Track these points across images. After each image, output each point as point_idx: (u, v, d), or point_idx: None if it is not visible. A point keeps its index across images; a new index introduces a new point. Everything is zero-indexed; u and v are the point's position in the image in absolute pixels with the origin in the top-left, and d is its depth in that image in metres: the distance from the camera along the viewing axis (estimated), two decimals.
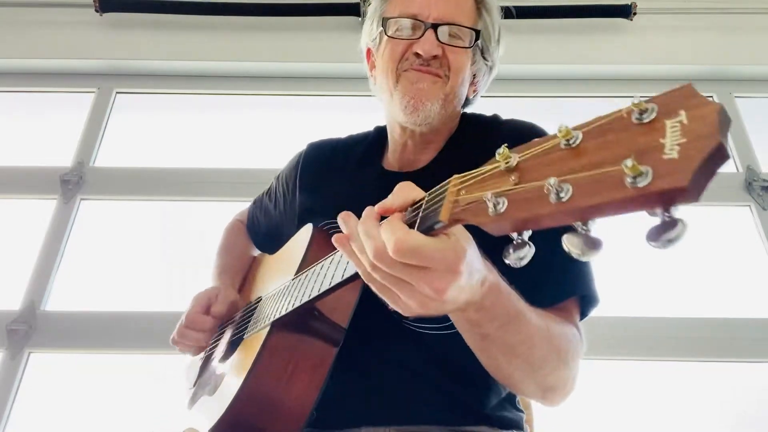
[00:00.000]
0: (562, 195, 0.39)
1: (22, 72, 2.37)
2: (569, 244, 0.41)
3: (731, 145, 2.19)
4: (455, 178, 0.53)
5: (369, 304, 0.85)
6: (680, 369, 1.82)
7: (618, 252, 1.97)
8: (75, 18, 2.36)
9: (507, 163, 0.46)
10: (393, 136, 1.05)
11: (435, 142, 1.02)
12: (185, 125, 2.34)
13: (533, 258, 0.80)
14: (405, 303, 0.57)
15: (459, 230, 0.56)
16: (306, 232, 0.96)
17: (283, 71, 2.37)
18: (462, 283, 0.56)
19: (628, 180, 0.35)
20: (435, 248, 0.53)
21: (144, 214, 2.14)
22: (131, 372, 1.84)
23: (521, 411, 0.99)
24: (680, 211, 0.35)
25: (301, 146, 1.21)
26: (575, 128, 0.43)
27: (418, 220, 0.55)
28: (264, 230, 1.24)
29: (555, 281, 0.84)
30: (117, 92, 2.40)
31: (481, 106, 1.13)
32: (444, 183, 0.55)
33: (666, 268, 1.96)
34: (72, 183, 2.12)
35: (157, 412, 1.73)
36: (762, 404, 1.78)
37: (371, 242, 0.55)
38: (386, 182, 0.66)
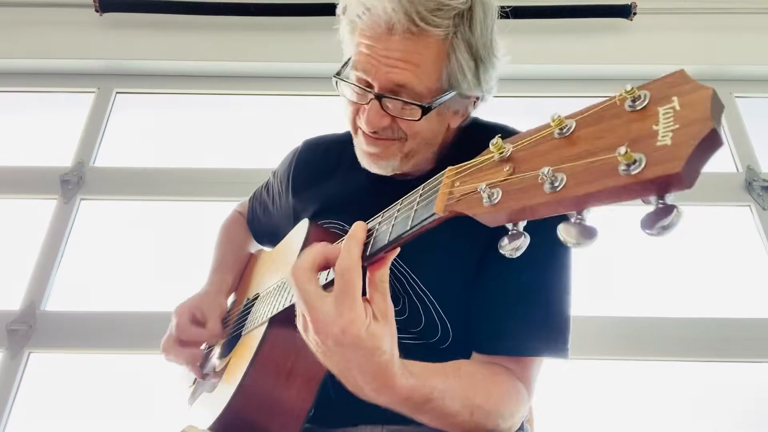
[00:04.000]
0: (556, 184, 0.39)
1: (22, 72, 2.37)
2: (565, 233, 0.41)
3: (731, 145, 2.19)
4: (449, 170, 0.53)
5: None
6: (680, 369, 1.82)
7: (618, 252, 1.97)
8: (75, 18, 2.36)
9: (501, 153, 0.47)
10: None
11: (420, 164, 0.95)
12: (185, 125, 2.34)
13: (506, 302, 0.78)
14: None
15: (381, 319, 0.58)
16: (301, 228, 0.95)
17: (283, 71, 2.37)
18: (322, 351, 0.59)
19: (622, 168, 0.35)
20: (318, 304, 0.57)
21: (144, 214, 2.14)
22: (131, 372, 1.84)
23: None
24: (674, 198, 0.35)
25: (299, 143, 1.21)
26: (568, 117, 0.43)
27: (413, 214, 0.55)
28: (263, 225, 1.24)
29: (520, 333, 0.83)
30: (117, 92, 2.40)
31: (481, 106, 1.13)
32: (438, 175, 0.55)
33: (666, 268, 1.96)
34: (72, 183, 2.12)
35: (156, 412, 1.73)
36: (761, 404, 1.78)
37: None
38: (379, 188, 0.65)
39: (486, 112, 1.10)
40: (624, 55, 2.31)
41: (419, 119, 0.84)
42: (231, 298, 1.18)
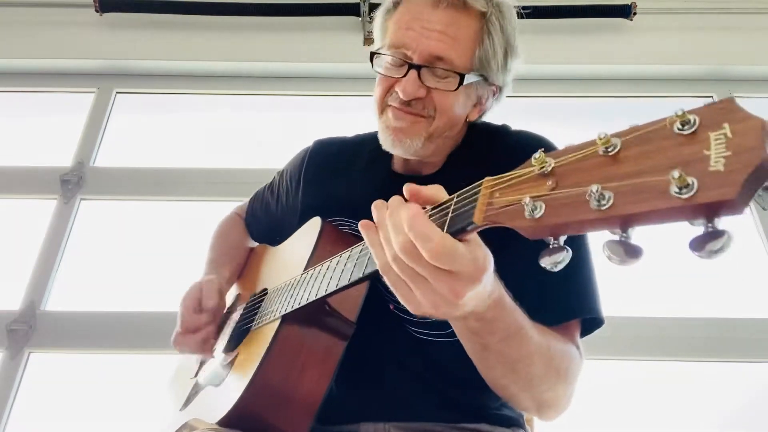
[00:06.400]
0: (603, 202, 0.40)
1: (22, 72, 2.37)
2: (610, 251, 0.41)
3: None
4: (487, 181, 0.52)
5: (371, 304, 0.87)
6: (680, 369, 1.82)
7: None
8: (75, 18, 2.37)
9: (542, 167, 0.46)
10: None
11: (436, 154, 0.99)
12: (185, 125, 2.34)
13: (537, 278, 0.76)
14: (418, 301, 0.57)
15: (479, 239, 0.56)
16: (314, 225, 0.95)
17: (283, 71, 2.37)
18: (479, 290, 0.56)
19: (674, 190, 0.36)
20: (467, 256, 0.53)
21: (144, 214, 2.14)
22: (131, 372, 1.84)
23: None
24: (723, 222, 0.36)
25: (307, 143, 1.20)
26: (614, 135, 0.43)
27: (447, 220, 0.55)
28: (264, 224, 1.23)
29: (558, 302, 0.83)
30: (117, 92, 2.40)
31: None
32: (474, 185, 0.54)
33: (666, 268, 1.96)
34: (72, 183, 2.12)
35: (156, 412, 1.73)
36: (761, 404, 1.78)
37: (400, 237, 0.55)
38: (396, 185, 0.65)
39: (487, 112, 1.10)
40: (624, 55, 2.31)
41: (456, 89, 0.88)
42: (233, 290, 1.17)
